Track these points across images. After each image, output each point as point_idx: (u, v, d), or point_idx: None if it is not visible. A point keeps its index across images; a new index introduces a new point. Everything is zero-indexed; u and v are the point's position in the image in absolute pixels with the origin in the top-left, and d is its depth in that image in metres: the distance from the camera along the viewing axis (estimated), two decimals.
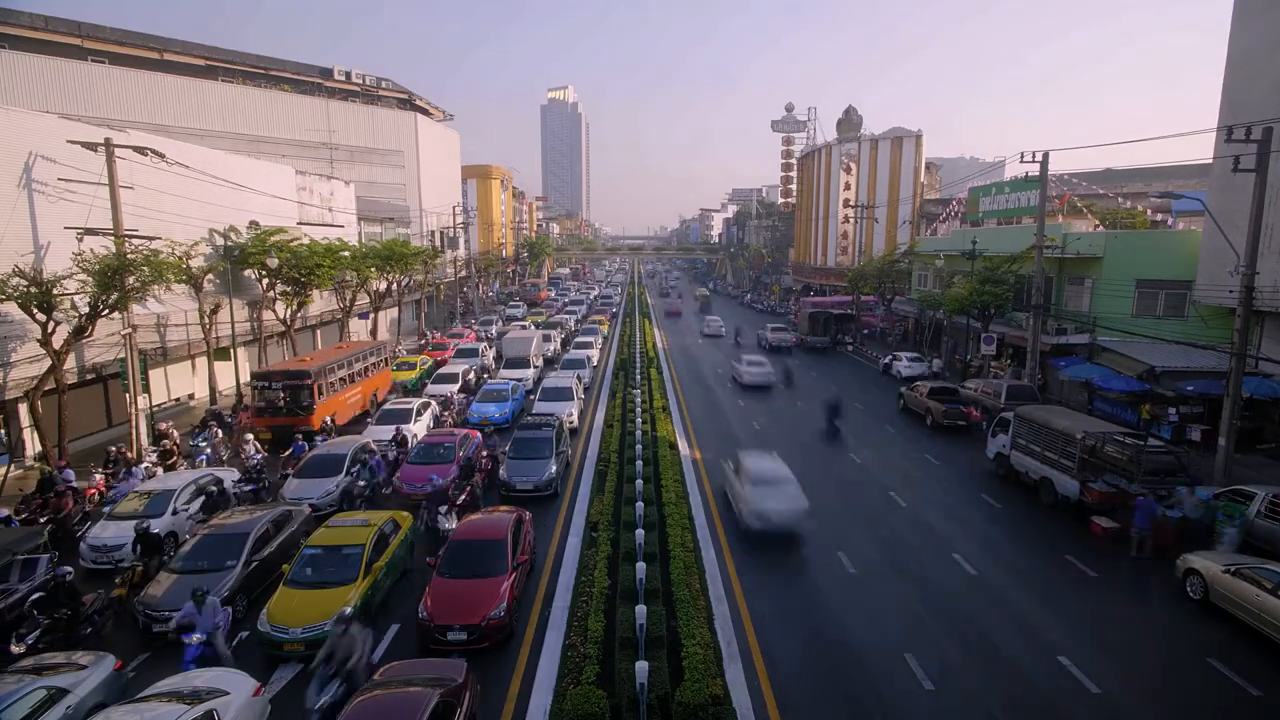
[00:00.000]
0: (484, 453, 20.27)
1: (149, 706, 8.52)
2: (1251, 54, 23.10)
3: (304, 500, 16.97)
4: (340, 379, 25.56)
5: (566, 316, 57.26)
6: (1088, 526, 16.95)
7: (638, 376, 30.67)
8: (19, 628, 11.43)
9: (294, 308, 31.35)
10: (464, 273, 69.82)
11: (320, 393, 23.60)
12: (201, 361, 27.71)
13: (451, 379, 30.39)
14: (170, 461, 20.58)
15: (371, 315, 40.17)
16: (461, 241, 66.50)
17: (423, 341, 43.94)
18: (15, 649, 11.00)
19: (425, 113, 68.79)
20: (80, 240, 20.13)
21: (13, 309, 18.74)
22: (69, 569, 12.06)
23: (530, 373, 32.51)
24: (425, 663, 10.27)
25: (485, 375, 33.86)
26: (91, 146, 20.30)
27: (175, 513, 15.86)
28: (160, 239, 21.89)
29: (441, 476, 18.23)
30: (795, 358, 43.12)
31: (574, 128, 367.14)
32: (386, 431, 22.33)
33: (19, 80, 42.43)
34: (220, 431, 22.29)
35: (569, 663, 10.36)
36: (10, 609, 11.95)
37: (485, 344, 40.10)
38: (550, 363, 37.54)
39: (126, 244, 20.29)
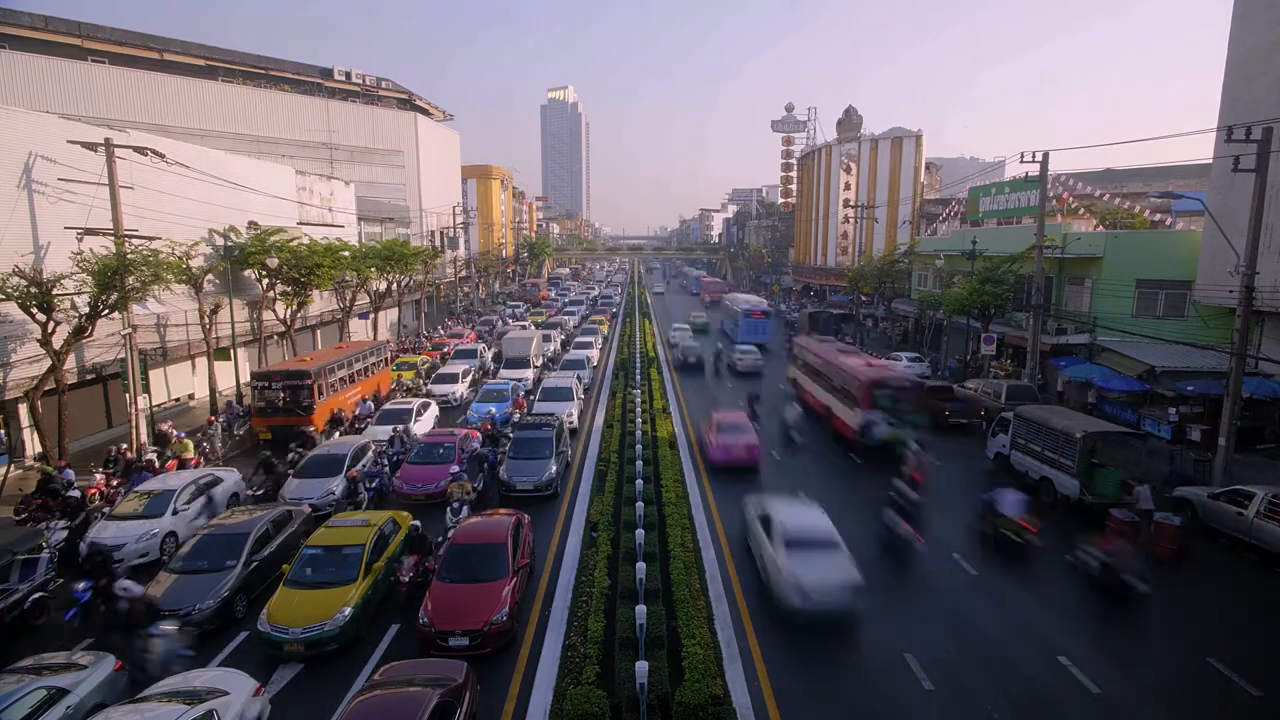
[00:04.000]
0: (474, 446, 20.24)
1: (149, 706, 8.53)
2: (1252, 53, 23.08)
3: (304, 500, 16.98)
4: (340, 379, 25.59)
5: (566, 317, 57.26)
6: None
7: (638, 377, 30.67)
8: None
9: (294, 308, 31.34)
10: (464, 273, 69.81)
11: (320, 393, 23.61)
12: (201, 361, 27.70)
13: (451, 379, 30.42)
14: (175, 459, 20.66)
15: (371, 315, 40.18)
16: (461, 241, 66.50)
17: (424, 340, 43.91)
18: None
19: (425, 113, 68.80)
20: (80, 240, 20.13)
21: (13, 309, 18.74)
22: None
23: (530, 373, 32.57)
24: (425, 663, 10.27)
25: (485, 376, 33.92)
26: (91, 146, 20.29)
27: (175, 513, 15.87)
28: (160, 239, 21.89)
29: (444, 477, 18.39)
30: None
31: (574, 128, 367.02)
32: (387, 431, 22.36)
33: (19, 80, 42.42)
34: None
35: (569, 663, 10.36)
36: (10, 609, 11.96)
37: (484, 345, 40.09)
38: (550, 362, 37.53)
39: (126, 244, 20.29)
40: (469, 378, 31.70)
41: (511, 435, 21.02)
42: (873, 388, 22.19)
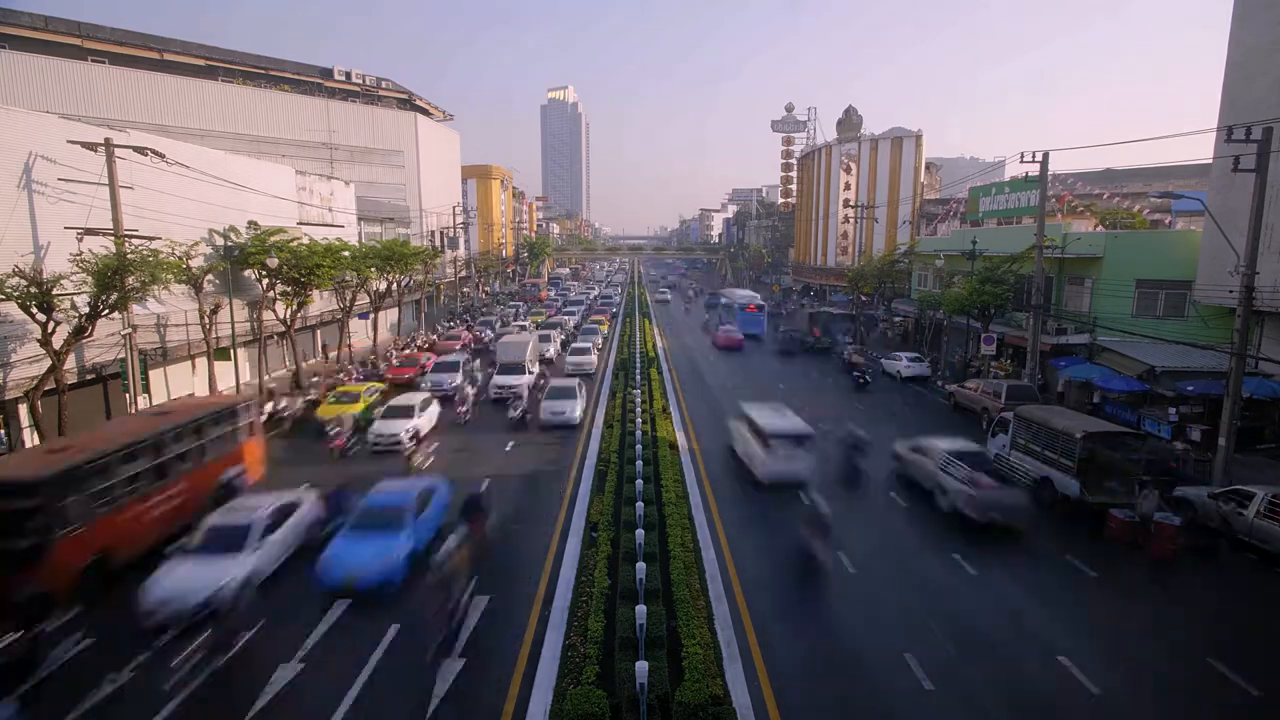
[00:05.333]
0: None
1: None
2: (1252, 53, 23.09)
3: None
4: (135, 481, 14.35)
5: (566, 317, 57.22)
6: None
7: (637, 377, 30.66)
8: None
9: (294, 308, 31.35)
10: (464, 273, 69.81)
11: (65, 523, 12.56)
12: (201, 362, 27.72)
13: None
14: None
15: (371, 315, 40.19)
16: (461, 241, 66.52)
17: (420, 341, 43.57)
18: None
19: (425, 112, 68.85)
20: (80, 240, 20.14)
21: (13, 309, 18.74)
22: None
23: (526, 379, 30.36)
24: None
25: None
26: (91, 146, 20.30)
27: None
28: (160, 239, 21.89)
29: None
30: (796, 361, 43.16)
31: (574, 128, 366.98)
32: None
33: (19, 80, 42.47)
34: None
35: (569, 662, 10.36)
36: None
37: (468, 356, 36.89)
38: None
39: (126, 244, 20.29)
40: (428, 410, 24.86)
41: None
42: None
